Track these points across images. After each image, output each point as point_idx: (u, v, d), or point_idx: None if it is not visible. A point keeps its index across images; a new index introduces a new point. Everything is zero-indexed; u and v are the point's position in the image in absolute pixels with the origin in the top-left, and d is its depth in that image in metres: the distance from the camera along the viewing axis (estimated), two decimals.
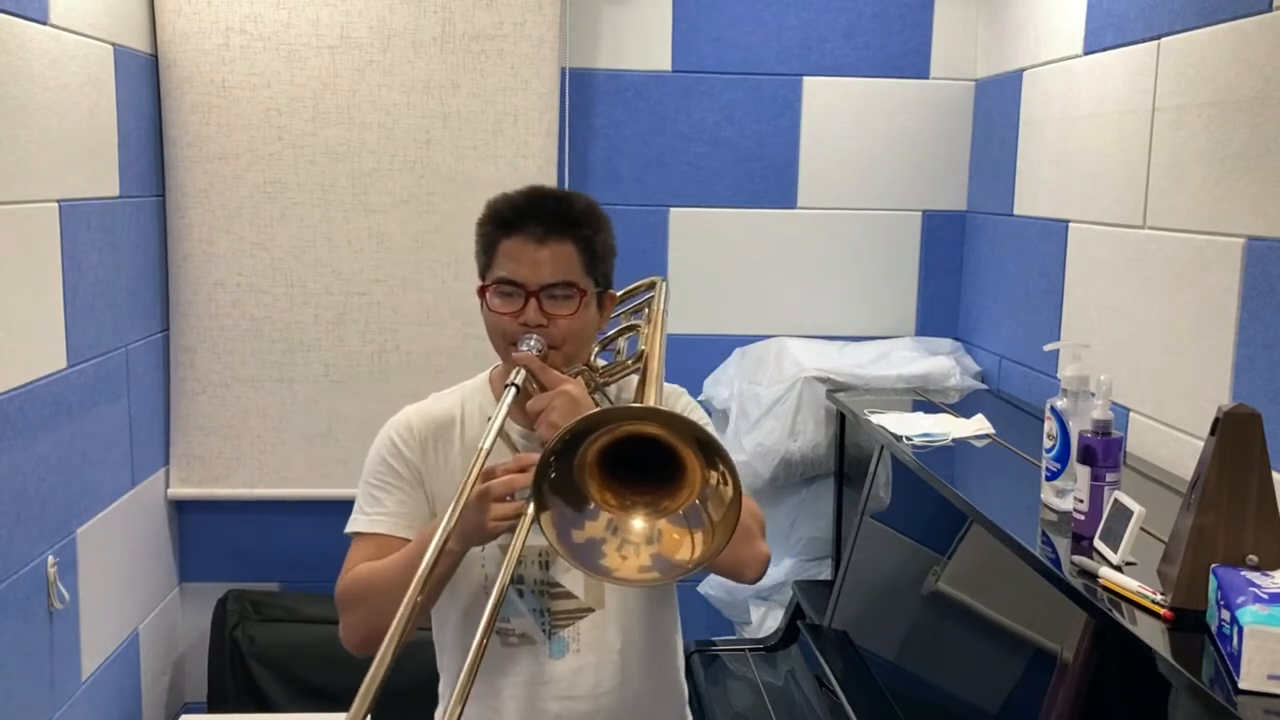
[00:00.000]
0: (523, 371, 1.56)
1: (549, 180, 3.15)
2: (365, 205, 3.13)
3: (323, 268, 3.14)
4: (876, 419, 2.61)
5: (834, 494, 3.07)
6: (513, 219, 1.64)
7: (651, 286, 1.95)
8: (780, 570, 3.11)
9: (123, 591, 2.86)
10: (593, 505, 1.36)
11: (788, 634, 2.81)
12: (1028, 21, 2.96)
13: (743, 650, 2.80)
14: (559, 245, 1.62)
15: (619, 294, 1.79)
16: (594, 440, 1.34)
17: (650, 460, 1.36)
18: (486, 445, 1.45)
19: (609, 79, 3.26)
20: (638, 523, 1.37)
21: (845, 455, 3.01)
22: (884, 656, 2.34)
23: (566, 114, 3.21)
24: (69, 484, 2.50)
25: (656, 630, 1.76)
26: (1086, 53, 2.62)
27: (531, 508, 1.36)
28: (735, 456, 3.14)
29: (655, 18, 3.25)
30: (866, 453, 2.83)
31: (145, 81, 2.97)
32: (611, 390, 1.74)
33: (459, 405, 1.74)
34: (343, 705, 1.46)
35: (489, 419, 1.68)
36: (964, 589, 2.11)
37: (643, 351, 1.73)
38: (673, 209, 3.32)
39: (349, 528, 1.73)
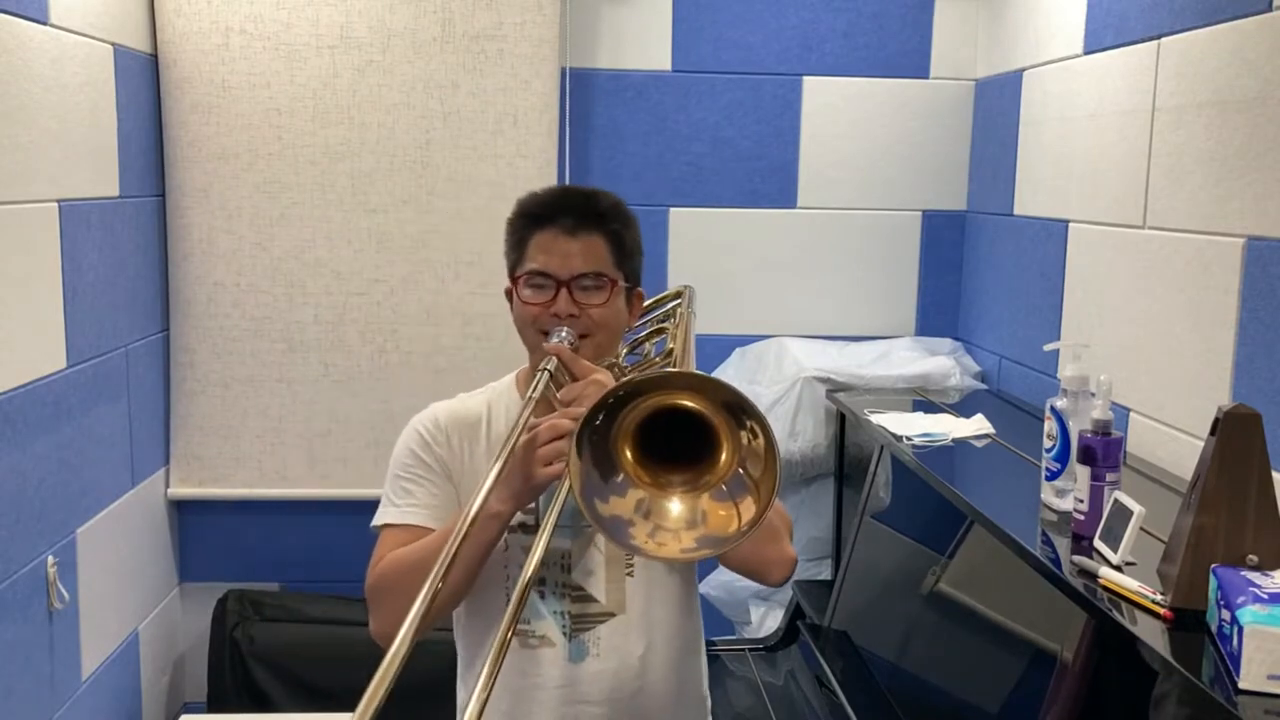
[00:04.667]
0: (554, 360, 1.57)
1: (549, 180, 3.15)
2: (365, 205, 3.13)
3: (323, 268, 3.14)
4: (876, 419, 2.61)
5: (834, 494, 3.07)
6: (544, 214, 1.67)
7: (678, 295, 1.98)
8: None
9: (123, 591, 2.86)
10: (622, 478, 1.35)
11: (788, 634, 2.81)
12: (1028, 21, 2.96)
13: (743, 650, 2.80)
14: (589, 238, 1.65)
15: (647, 302, 1.81)
16: (632, 410, 1.34)
17: (683, 442, 1.36)
18: (533, 395, 1.47)
19: (609, 79, 3.26)
20: (675, 506, 1.35)
21: (845, 455, 3.01)
22: (884, 656, 2.34)
23: (566, 114, 3.21)
24: (69, 484, 2.50)
25: (679, 638, 1.74)
26: (1086, 53, 2.62)
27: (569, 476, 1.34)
28: None
29: (655, 18, 3.25)
30: (866, 453, 2.83)
31: (145, 81, 2.97)
32: None
33: (486, 406, 1.75)
34: (343, 705, 1.45)
35: (512, 414, 1.68)
36: (964, 589, 2.10)
37: (671, 349, 1.76)
38: (673, 209, 3.32)
39: (378, 520, 1.70)
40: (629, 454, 1.36)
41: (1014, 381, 3.01)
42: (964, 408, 2.77)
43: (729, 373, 3.26)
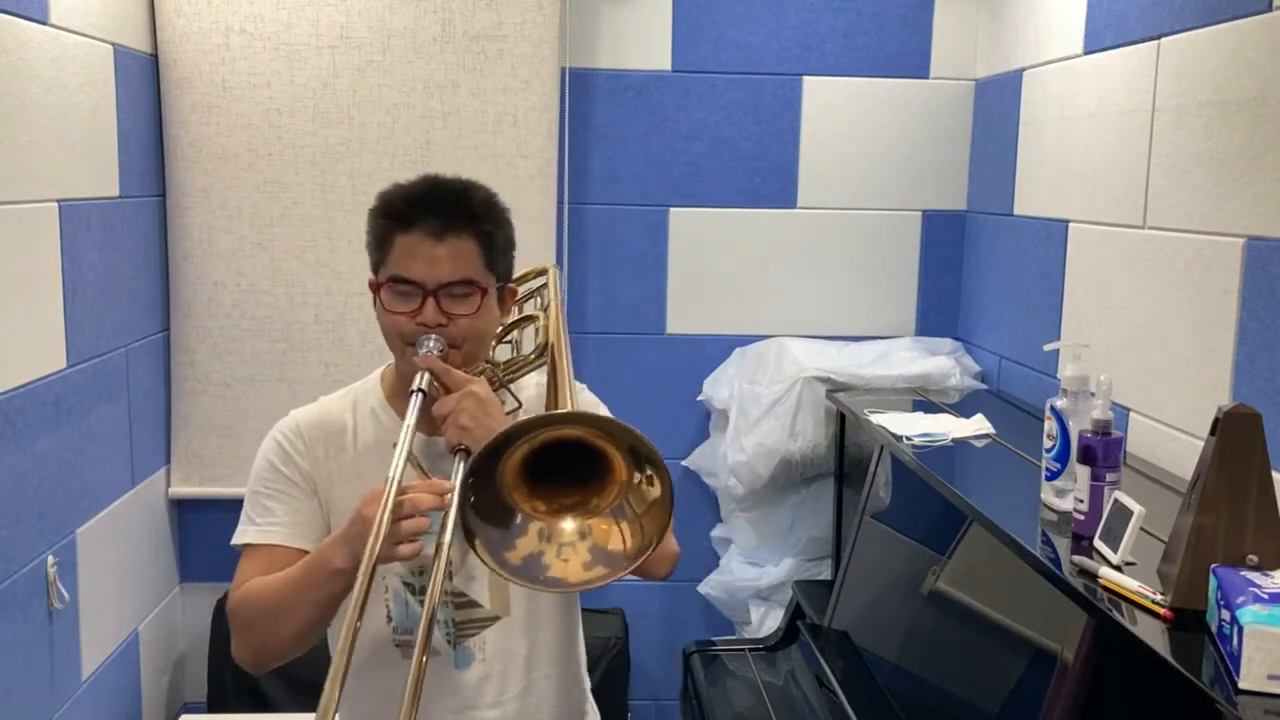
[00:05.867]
0: (426, 375, 1.51)
1: (549, 180, 3.15)
2: (365, 205, 3.08)
3: (323, 268, 3.14)
4: (876, 419, 2.61)
5: (834, 494, 3.07)
6: (409, 212, 1.57)
7: (542, 273, 1.90)
8: (780, 570, 3.11)
9: (123, 591, 2.86)
10: (519, 519, 1.34)
11: (788, 634, 2.81)
12: (1028, 21, 2.96)
13: (743, 650, 2.80)
14: (458, 241, 1.56)
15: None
16: (516, 450, 1.32)
17: (571, 459, 1.34)
18: (395, 473, 1.36)
19: (609, 79, 3.26)
20: (568, 524, 1.35)
21: (845, 455, 3.01)
22: (884, 656, 2.34)
23: (566, 114, 3.21)
24: (69, 484, 2.50)
25: (562, 633, 1.73)
26: (1086, 53, 2.62)
27: (446, 536, 1.33)
28: (735, 457, 3.13)
29: (655, 18, 3.24)
30: (866, 453, 2.83)
31: (145, 81, 2.97)
32: (518, 385, 1.70)
33: (350, 409, 1.69)
34: None
35: (378, 418, 1.65)
36: (964, 589, 2.10)
37: (547, 344, 1.68)
38: (673, 209, 3.32)
39: (236, 539, 1.65)
40: (521, 493, 1.35)
41: (1014, 381, 3.01)
42: (964, 408, 2.77)
43: (729, 372, 3.27)
